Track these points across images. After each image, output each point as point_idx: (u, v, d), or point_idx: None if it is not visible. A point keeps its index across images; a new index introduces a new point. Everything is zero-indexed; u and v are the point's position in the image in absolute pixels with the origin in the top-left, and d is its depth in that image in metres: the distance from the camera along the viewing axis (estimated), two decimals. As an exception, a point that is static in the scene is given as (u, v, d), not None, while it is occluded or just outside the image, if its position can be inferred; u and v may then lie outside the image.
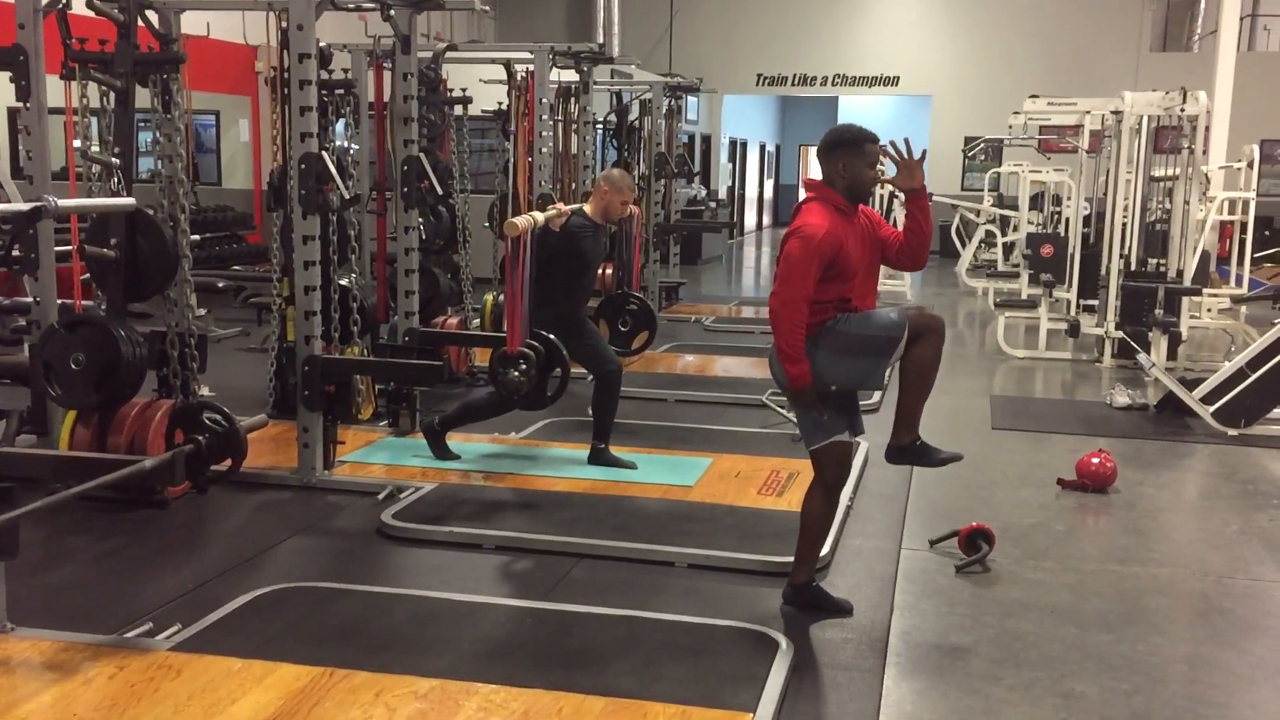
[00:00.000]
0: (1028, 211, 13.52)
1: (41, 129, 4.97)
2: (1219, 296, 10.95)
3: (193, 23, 5.92)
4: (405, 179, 6.21)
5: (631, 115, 11.25)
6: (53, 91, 5.00)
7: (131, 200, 4.33)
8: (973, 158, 18.05)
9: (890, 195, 13.73)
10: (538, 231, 5.06)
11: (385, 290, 6.97)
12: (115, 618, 3.73)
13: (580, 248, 5.44)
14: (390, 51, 6.31)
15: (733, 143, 22.94)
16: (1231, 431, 6.65)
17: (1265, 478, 5.92)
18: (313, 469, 5.23)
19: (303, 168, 5.04)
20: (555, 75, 8.83)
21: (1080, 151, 11.70)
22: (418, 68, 6.38)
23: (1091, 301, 9.84)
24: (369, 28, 7.25)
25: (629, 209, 5.80)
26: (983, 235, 15.07)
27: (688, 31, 20.28)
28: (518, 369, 5.10)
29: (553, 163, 8.87)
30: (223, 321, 9.60)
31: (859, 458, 5.63)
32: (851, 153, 3.75)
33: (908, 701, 3.41)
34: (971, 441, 6.59)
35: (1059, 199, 13.72)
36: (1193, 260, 9.15)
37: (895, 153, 3.79)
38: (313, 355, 5.16)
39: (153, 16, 5.16)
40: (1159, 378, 7.25)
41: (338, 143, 6.53)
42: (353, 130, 6.76)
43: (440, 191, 6.73)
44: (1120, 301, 8.73)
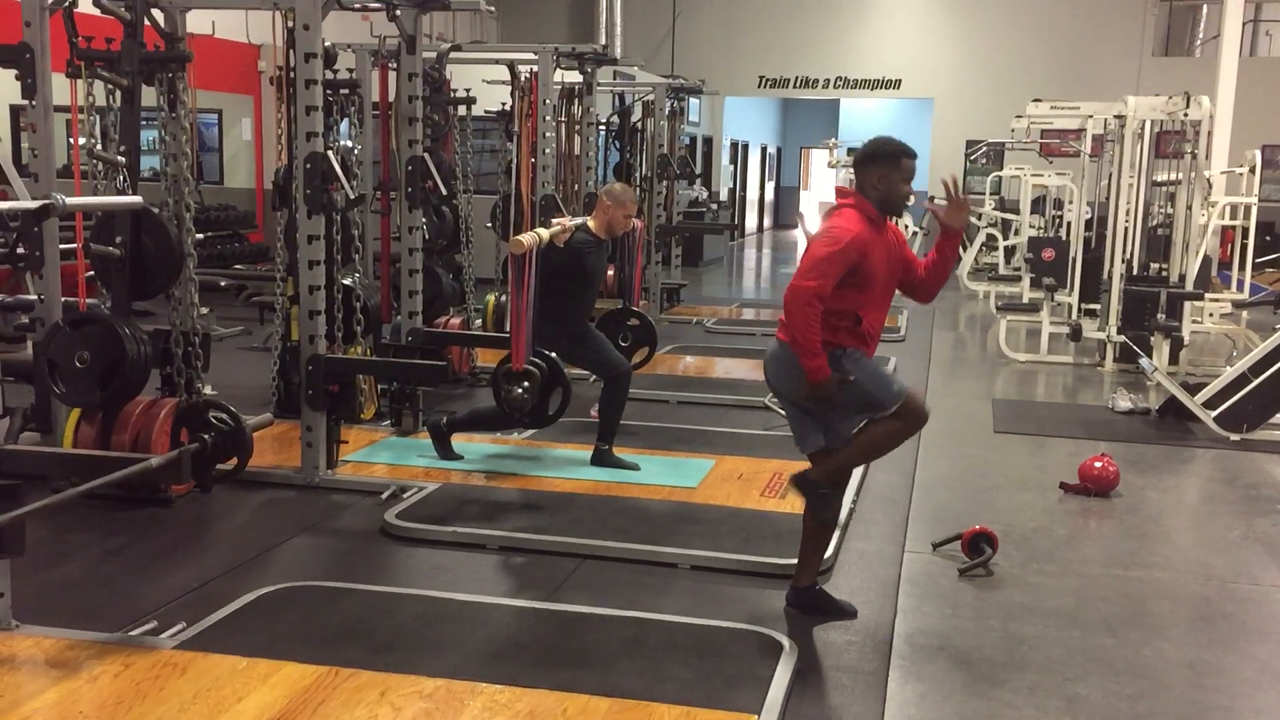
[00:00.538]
0: (1029, 215, 13.53)
1: (47, 126, 4.97)
2: (1220, 301, 10.97)
3: (198, 21, 5.91)
4: (409, 179, 6.22)
5: (634, 116, 11.27)
6: (58, 89, 5.01)
7: (138, 199, 4.34)
8: (975, 161, 18.06)
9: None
10: (542, 248, 5.07)
11: (389, 290, 6.97)
12: (120, 615, 3.73)
13: (584, 264, 5.46)
14: (395, 51, 6.31)
15: (734, 145, 22.95)
16: (1234, 436, 6.66)
17: (1268, 483, 5.93)
18: (316, 468, 5.24)
19: (308, 167, 5.05)
20: (559, 76, 8.83)
21: (1082, 156, 11.71)
22: (422, 68, 6.38)
23: (1093, 306, 9.85)
24: (374, 27, 7.26)
25: (631, 222, 5.81)
26: (984, 239, 15.08)
27: (690, 33, 20.29)
28: (521, 386, 5.13)
29: (555, 164, 8.88)
30: (225, 320, 9.60)
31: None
32: (888, 165, 3.74)
33: (911, 704, 3.41)
34: (973, 445, 6.61)
35: (1060, 203, 13.72)
36: (1194, 265, 9.16)
37: (949, 190, 3.81)
38: (317, 355, 5.16)
39: (158, 15, 5.17)
40: (1161, 382, 7.26)
41: (342, 142, 6.53)
42: (357, 130, 6.77)
43: (445, 192, 6.73)
44: (1122, 306, 8.74)
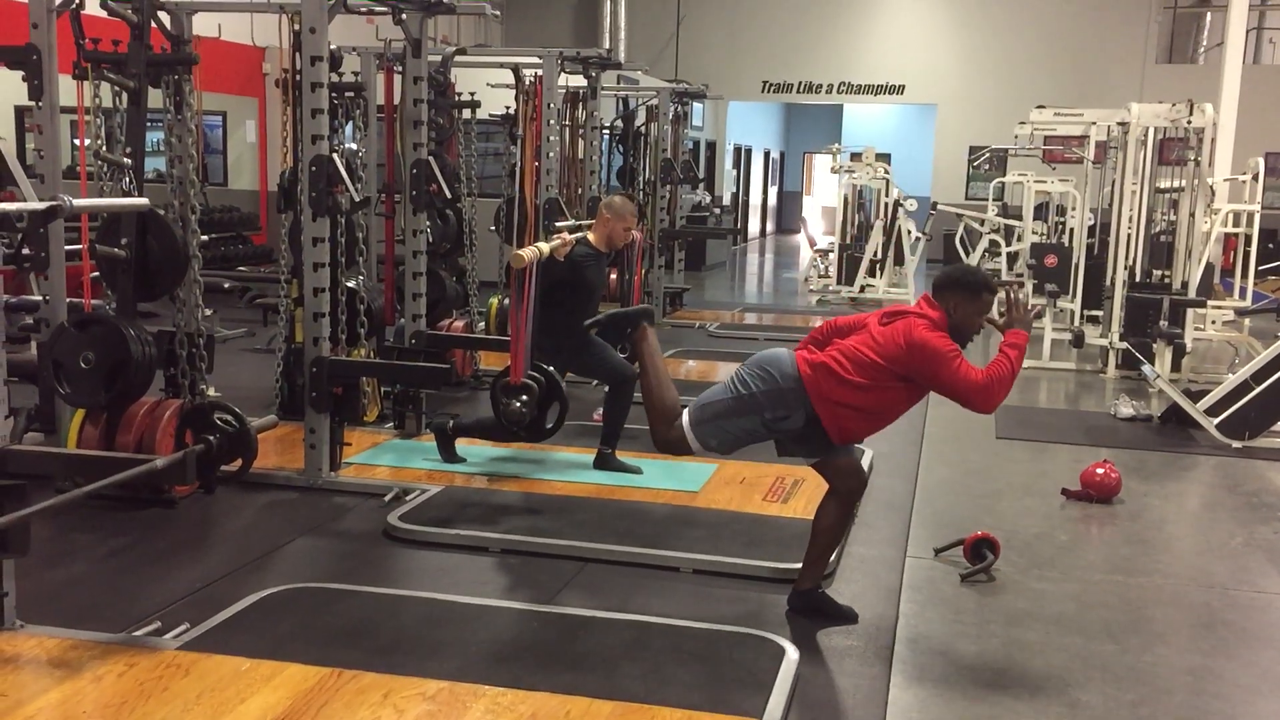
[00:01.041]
0: (1032, 222, 13.52)
1: (54, 128, 4.98)
2: (1223, 309, 10.97)
3: (204, 24, 5.93)
4: (414, 182, 6.23)
5: (638, 121, 11.28)
6: (64, 90, 5.02)
7: (145, 200, 4.35)
8: (978, 167, 18.07)
9: (896, 203, 13.77)
10: (543, 261, 5.09)
11: (392, 292, 6.98)
12: (123, 616, 3.74)
13: (585, 277, 5.48)
14: (400, 55, 6.33)
15: (737, 149, 22.98)
16: (1235, 444, 6.66)
17: (1269, 490, 5.93)
18: (319, 470, 5.25)
19: (313, 170, 5.06)
20: (563, 80, 8.85)
21: (1085, 162, 11.72)
22: (427, 71, 6.40)
23: (1096, 312, 9.86)
24: (379, 31, 7.27)
25: (631, 235, 5.83)
26: (987, 245, 15.08)
27: (694, 38, 20.32)
28: (519, 400, 5.14)
29: (559, 167, 8.89)
30: (228, 322, 9.62)
31: (864, 461, 5.64)
32: (967, 296, 3.76)
33: (913, 709, 3.42)
34: (975, 451, 6.62)
35: (1063, 209, 13.72)
36: (1197, 272, 9.16)
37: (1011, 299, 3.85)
38: (321, 357, 5.17)
39: (165, 17, 5.19)
40: (1163, 389, 7.26)
41: (347, 145, 6.55)
42: (361, 133, 6.79)
43: (448, 195, 6.74)
44: (1124, 312, 8.75)
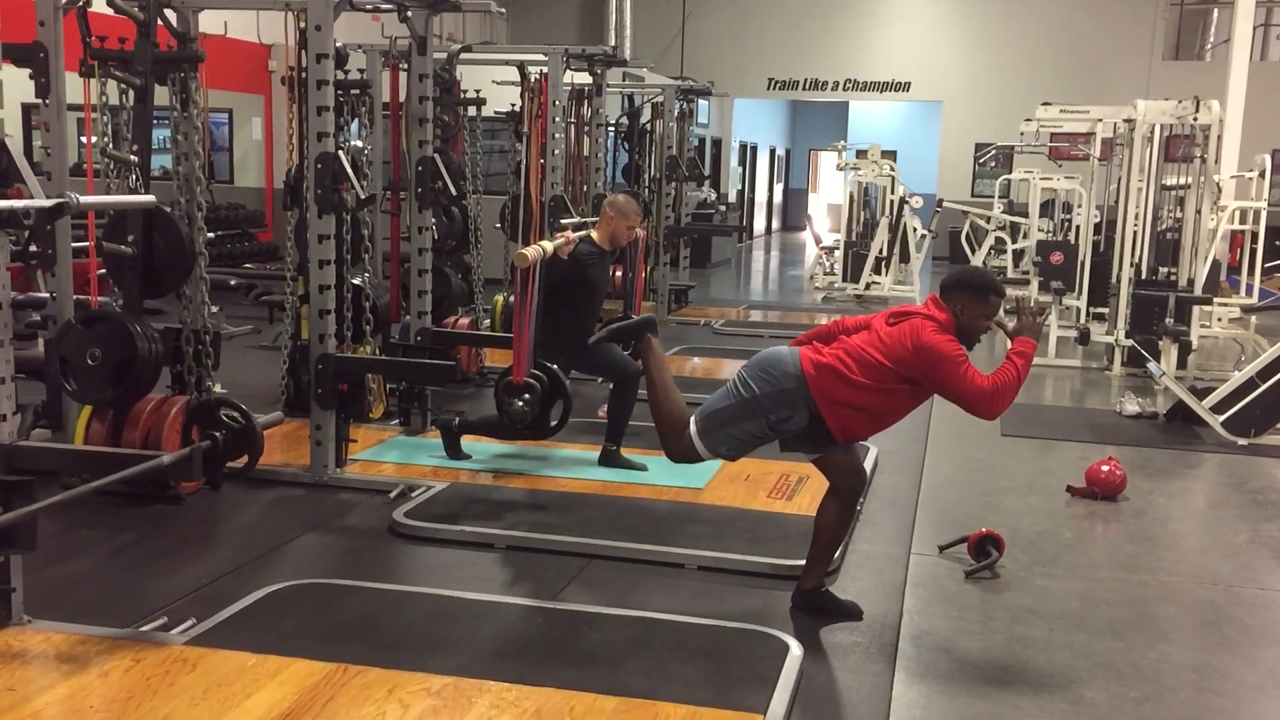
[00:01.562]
0: (1038, 219, 13.52)
1: (61, 125, 5.00)
2: (1229, 306, 10.95)
3: (210, 21, 5.95)
4: (419, 179, 6.24)
5: (643, 118, 11.28)
6: (71, 88, 5.04)
7: (151, 197, 4.37)
8: (983, 164, 18.05)
9: (902, 200, 13.76)
10: (546, 260, 5.10)
11: (398, 290, 6.99)
12: (130, 611, 3.76)
13: (588, 275, 5.49)
14: (406, 52, 6.34)
15: (743, 146, 22.97)
16: (1241, 441, 6.66)
17: (1275, 487, 5.93)
18: (325, 467, 5.26)
19: (319, 167, 5.07)
20: (568, 77, 8.86)
21: (1092, 159, 11.70)
22: (432, 69, 6.40)
23: (1102, 309, 9.84)
24: (385, 28, 7.28)
25: (635, 233, 5.84)
26: (993, 242, 15.07)
27: (699, 35, 20.31)
28: (522, 399, 5.15)
29: (564, 165, 8.90)
30: (234, 319, 9.64)
31: (868, 463, 5.65)
32: (974, 298, 3.77)
33: (917, 705, 3.42)
34: (981, 448, 6.62)
35: (1069, 206, 13.72)
36: (1203, 269, 9.15)
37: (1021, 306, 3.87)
38: (327, 354, 5.18)
39: (171, 15, 5.20)
40: (1169, 386, 7.26)
41: (352, 142, 6.56)
42: (367, 130, 6.79)
43: (454, 192, 6.75)
44: (1130, 310, 8.74)
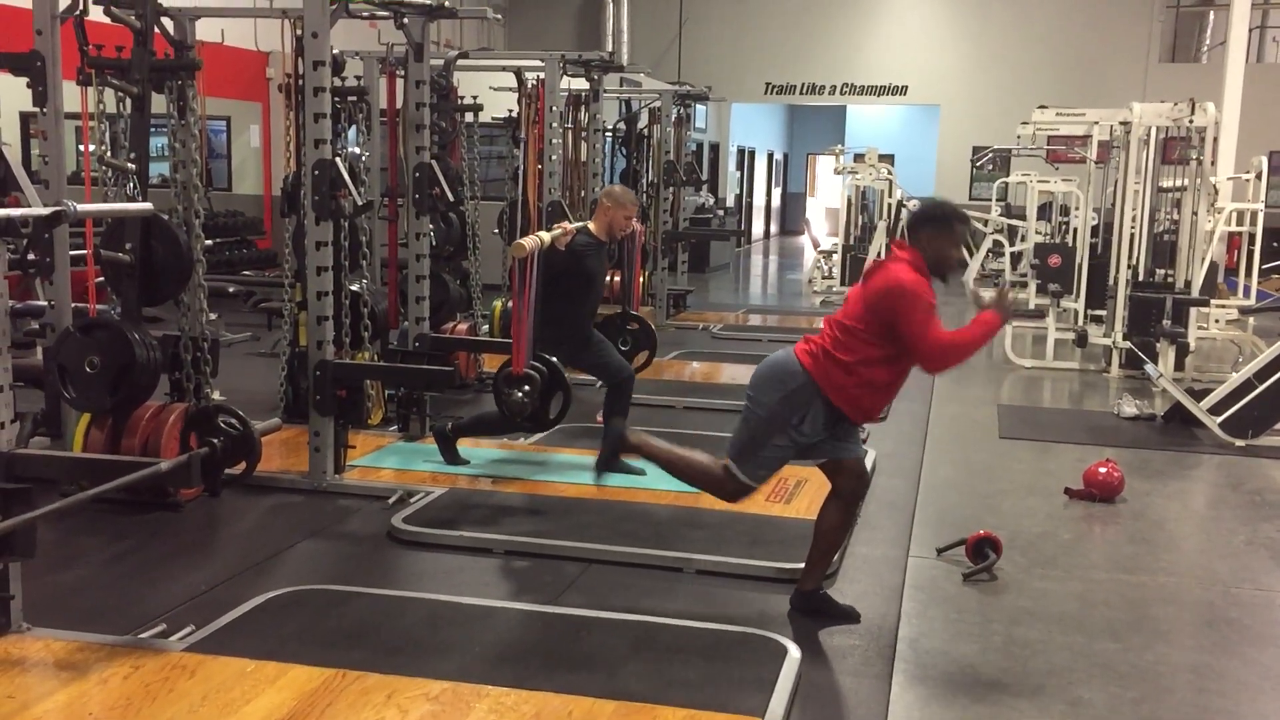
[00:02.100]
0: (1035, 221, 13.54)
1: (58, 134, 5.01)
2: (1227, 308, 10.98)
3: (207, 29, 5.96)
4: (417, 185, 6.25)
5: (640, 123, 11.30)
6: (69, 96, 5.05)
7: (148, 205, 4.37)
8: (981, 167, 18.07)
9: (899, 204, 13.78)
10: (544, 251, 5.11)
11: (396, 296, 7.00)
12: (129, 618, 3.76)
13: (586, 266, 5.49)
14: (403, 59, 6.35)
15: (741, 151, 22.99)
16: (1239, 442, 6.66)
17: (1272, 488, 5.94)
18: (324, 473, 5.26)
19: (316, 174, 5.08)
20: (565, 83, 8.88)
21: (1088, 162, 11.72)
22: (429, 75, 6.42)
23: (1099, 312, 9.86)
24: (382, 35, 7.30)
25: (632, 225, 5.84)
26: (990, 245, 15.07)
27: (697, 40, 20.33)
28: (522, 390, 5.15)
29: (562, 170, 8.91)
30: (233, 326, 9.65)
31: (868, 464, 5.65)
32: (939, 229, 3.79)
33: (915, 708, 3.43)
34: (979, 450, 6.63)
35: (1067, 209, 13.74)
36: (1200, 271, 9.17)
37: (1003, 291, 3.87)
38: (325, 360, 5.19)
39: (168, 23, 5.21)
40: (1166, 388, 7.27)
41: (350, 149, 6.58)
42: (364, 137, 6.82)
43: (451, 198, 6.76)
44: (1128, 312, 8.75)
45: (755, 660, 3.56)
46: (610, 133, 11.10)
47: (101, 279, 5.22)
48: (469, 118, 8.26)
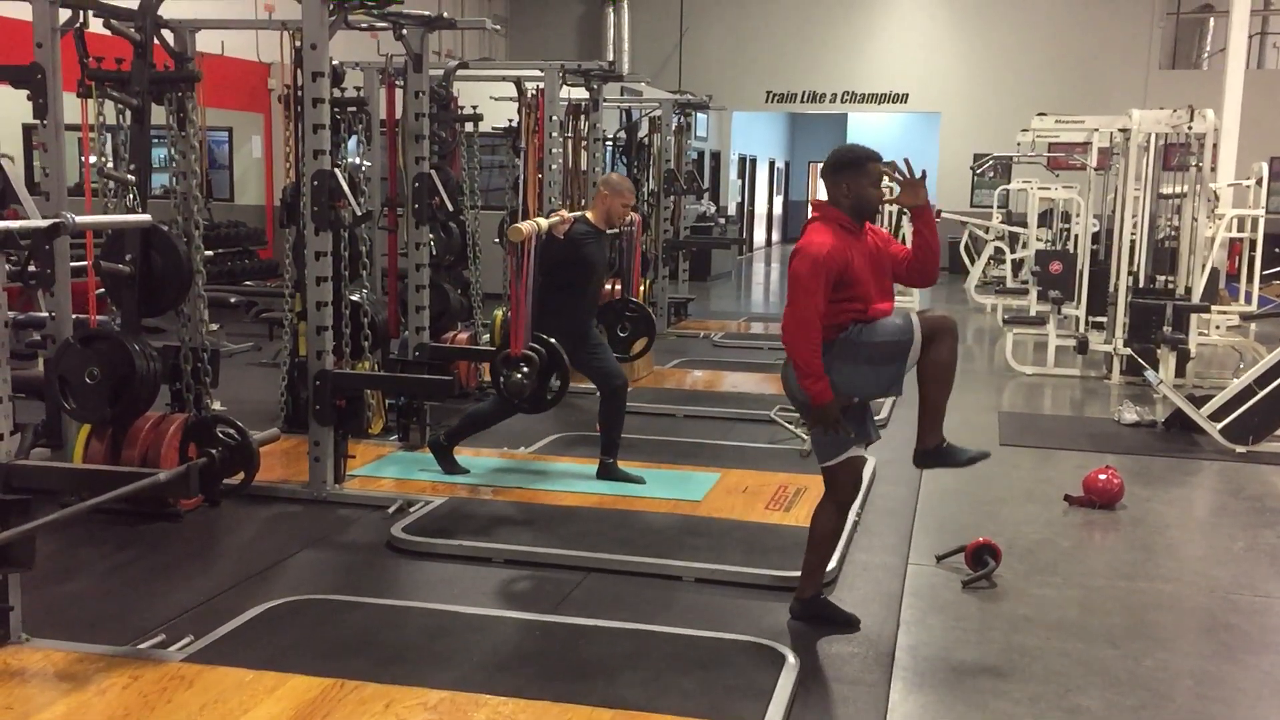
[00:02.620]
0: (1037, 228, 13.55)
1: (58, 146, 5.04)
2: (1228, 314, 10.97)
3: (207, 41, 5.99)
4: (416, 195, 6.27)
5: (641, 132, 11.32)
6: (70, 109, 5.08)
7: (147, 216, 4.40)
8: (982, 174, 18.08)
9: (900, 212, 13.79)
10: (543, 238, 5.12)
11: (396, 306, 7.02)
12: (128, 629, 3.77)
13: (584, 254, 5.48)
14: (402, 69, 6.37)
15: (742, 159, 23.02)
16: (1239, 448, 6.66)
17: (1272, 494, 5.93)
18: (324, 483, 5.27)
19: (315, 184, 5.10)
20: (565, 93, 8.90)
21: (1088, 169, 11.73)
22: (429, 85, 6.44)
23: (1101, 318, 9.85)
24: (381, 46, 7.33)
25: (630, 213, 5.84)
26: (992, 252, 15.10)
27: (697, 49, 20.38)
28: (520, 371, 5.15)
29: (562, 179, 8.93)
30: (235, 336, 9.68)
31: (867, 471, 5.65)
32: (855, 172, 3.81)
33: (913, 715, 3.43)
34: (979, 458, 6.61)
35: (1068, 216, 13.75)
36: (1201, 278, 9.16)
37: (898, 172, 3.85)
38: (324, 370, 5.20)
39: (168, 35, 5.24)
40: (1166, 394, 7.26)
41: (350, 159, 6.60)
42: (364, 147, 6.84)
43: (451, 208, 6.78)
44: (1129, 319, 8.74)
45: (753, 669, 3.57)
46: (611, 142, 11.13)
47: (102, 290, 5.23)
48: (469, 127, 8.28)
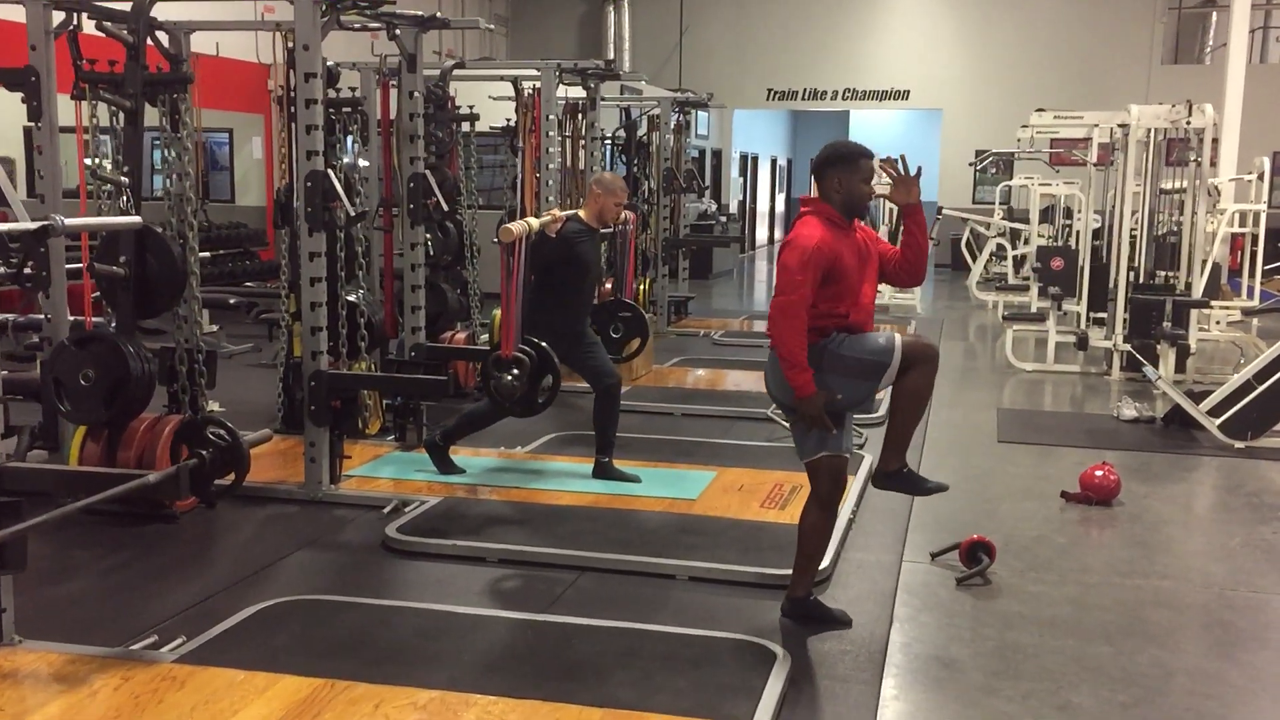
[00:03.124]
0: (1039, 224, 13.53)
1: (53, 148, 5.05)
2: (1230, 309, 10.94)
3: (204, 42, 6.00)
4: (411, 195, 6.27)
5: (640, 130, 11.32)
6: (66, 111, 5.09)
7: (138, 218, 4.40)
8: (983, 170, 18.04)
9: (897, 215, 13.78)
10: (534, 238, 5.12)
11: (393, 306, 7.03)
12: (122, 630, 3.77)
13: (577, 253, 5.47)
14: (396, 69, 6.38)
15: (744, 157, 23.00)
16: (1238, 444, 6.64)
17: (1271, 490, 5.92)
18: (319, 483, 5.28)
19: (309, 185, 5.10)
20: (563, 92, 8.89)
21: (1089, 165, 11.71)
22: (426, 85, 6.44)
23: (1102, 314, 9.84)
24: (376, 46, 7.33)
25: (623, 212, 5.84)
26: (993, 248, 15.07)
27: (698, 47, 20.37)
28: (510, 374, 5.13)
29: (561, 178, 8.92)
30: (235, 337, 9.69)
31: (863, 470, 5.65)
32: (846, 168, 3.80)
33: (904, 713, 3.43)
34: (977, 455, 6.62)
35: (1070, 212, 13.73)
36: (1202, 273, 9.14)
37: (892, 169, 3.85)
38: (319, 371, 5.20)
39: (163, 37, 5.25)
40: (1165, 390, 7.25)
41: (346, 160, 6.60)
42: (360, 147, 6.84)
43: (446, 208, 6.78)
44: (1129, 314, 8.73)
45: (744, 667, 3.56)
46: (610, 140, 11.12)
47: (99, 293, 5.24)
48: (466, 127, 8.28)
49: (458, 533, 4.84)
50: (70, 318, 5.19)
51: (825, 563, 4.32)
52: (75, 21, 4.99)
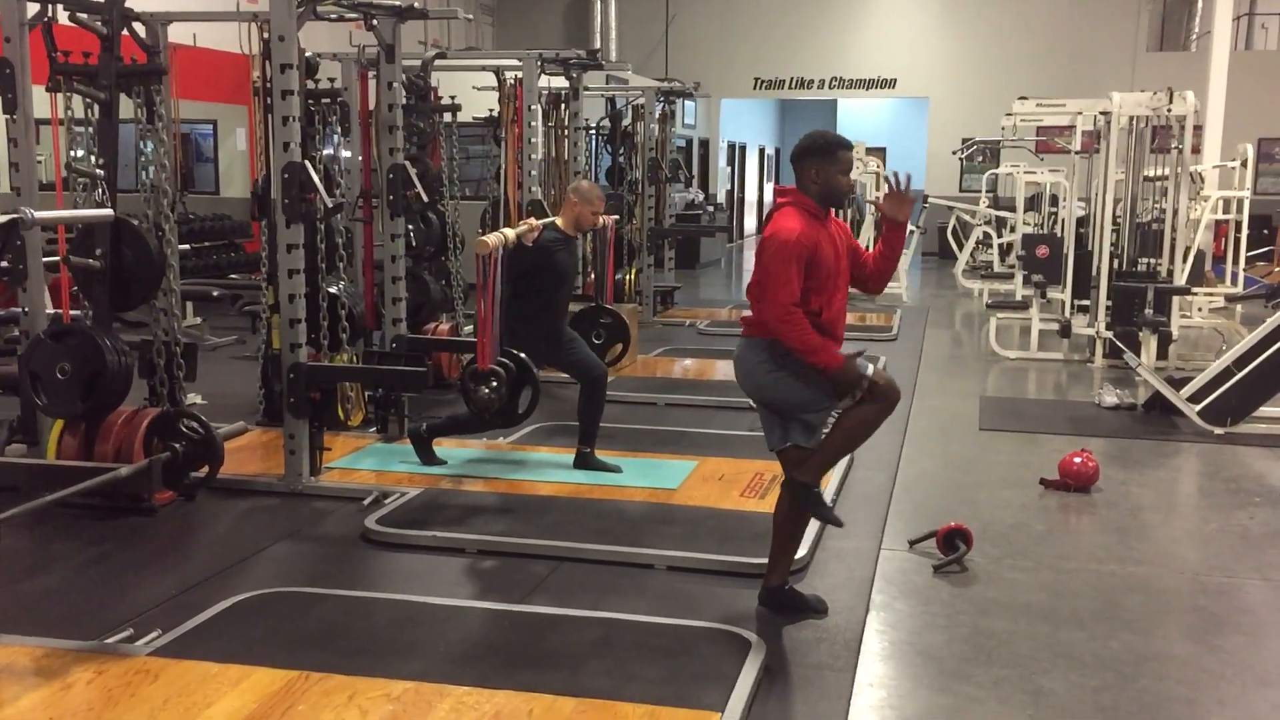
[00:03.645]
0: (1025, 212, 13.54)
1: (29, 141, 5.03)
2: (1214, 296, 10.98)
3: (181, 32, 5.98)
4: (390, 186, 6.26)
5: (625, 120, 11.30)
6: (42, 104, 5.07)
7: (110, 211, 4.38)
8: (969, 159, 18.05)
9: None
10: (510, 248, 5.11)
11: (373, 297, 7.01)
12: (98, 624, 3.77)
13: (554, 261, 5.50)
14: (375, 60, 6.36)
15: (731, 146, 22.99)
16: (1217, 430, 6.67)
17: (1248, 475, 5.95)
18: (299, 475, 5.27)
19: (285, 177, 5.09)
20: (546, 81, 8.88)
21: (1072, 152, 11.72)
22: (407, 75, 6.42)
23: (1086, 302, 9.86)
24: (354, 37, 7.31)
25: (600, 219, 5.85)
26: (979, 236, 15.09)
27: (684, 36, 20.34)
28: (489, 386, 5.14)
29: (543, 168, 8.92)
30: (219, 330, 9.66)
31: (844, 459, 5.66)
32: (824, 159, 3.79)
33: (877, 700, 3.44)
34: (958, 442, 6.64)
35: (1056, 199, 13.75)
36: (1185, 260, 9.16)
37: (892, 183, 3.84)
38: (298, 363, 5.20)
39: (140, 28, 5.23)
40: (1145, 377, 7.27)
41: (326, 151, 6.58)
42: (341, 138, 6.82)
43: (426, 199, 6.77)
44: (1111, 301, 8.75)
45: (718, 655, 3.57)
46: (594, 130, 11.11)
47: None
48: (447, 118, 8.27)
49: (437, 524, 4.84)
50: (50, 311, 5.19)
51: (803, 551, 4.34)
52: (49, 13, 4.97)
